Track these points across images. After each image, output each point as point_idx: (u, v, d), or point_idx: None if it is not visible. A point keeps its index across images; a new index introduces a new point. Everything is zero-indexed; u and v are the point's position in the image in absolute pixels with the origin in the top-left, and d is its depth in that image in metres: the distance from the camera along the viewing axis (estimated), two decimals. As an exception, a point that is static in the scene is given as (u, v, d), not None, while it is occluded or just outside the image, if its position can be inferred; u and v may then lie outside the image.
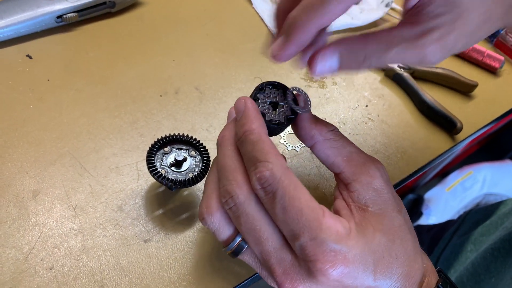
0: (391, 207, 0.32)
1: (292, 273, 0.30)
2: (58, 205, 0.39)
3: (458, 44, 0.31)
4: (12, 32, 0.49)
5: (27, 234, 0.37)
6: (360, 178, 0.32)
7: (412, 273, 0.32)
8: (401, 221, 0.32)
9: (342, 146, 0.33)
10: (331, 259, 0.28)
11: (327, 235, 0.28)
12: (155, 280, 0.37)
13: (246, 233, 0.31)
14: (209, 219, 0.32)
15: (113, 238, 0.38)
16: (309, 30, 0.28)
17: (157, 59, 0.53)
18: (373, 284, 0.30)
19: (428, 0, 0.29)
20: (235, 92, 0.52)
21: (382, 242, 0.30)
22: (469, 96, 0.61)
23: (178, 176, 0.39)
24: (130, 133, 0.46)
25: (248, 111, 0.31)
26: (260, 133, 0.30)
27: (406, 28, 0.30)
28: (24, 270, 0.35)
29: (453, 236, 0.68)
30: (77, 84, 0.48)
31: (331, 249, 0.28)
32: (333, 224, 0.28)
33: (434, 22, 0.29)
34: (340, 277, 0.28)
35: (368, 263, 0.29)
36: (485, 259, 0.56)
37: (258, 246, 0.31)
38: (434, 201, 1.29)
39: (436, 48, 0.30)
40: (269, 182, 0.28)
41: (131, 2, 0.57)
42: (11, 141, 0.42)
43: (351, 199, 0.32)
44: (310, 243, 0.28)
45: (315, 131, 0.33)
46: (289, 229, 0.29)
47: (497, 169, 1.32)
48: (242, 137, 0.31)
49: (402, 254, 0.31)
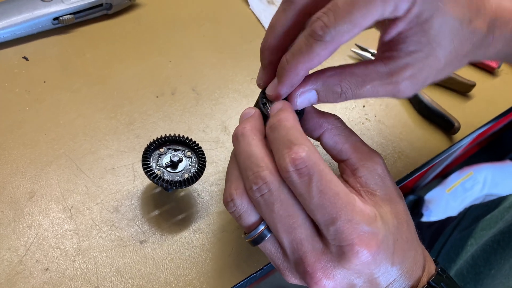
0: (395, 193, 0.33)
1: (324, 261, 0.30)
2: (53, 206, 0.39)
3: (428, 80, 0.33)
4: (9, 34, 0.49)
5: (22, 236, 0.37)
6: (367, 164, 0.33)
7: (418, 257, 0.33)
8: (404, 206, 0.33)
9: (349, 134, 0.34)
10: (366, 241, 0.29)
11: (362, 217, 0.29)
12: (150, 281, 0.37)
13: (278, 220, 0.30)
14: (239, 200, 0.31)
15: (108, 239, 0.38)
16: (299, 73, 0.31)
17: (153, 60, 0.53)
18: (390, 268, 0.31)
19: (402, 38, 0.31)
20: (232, 93, 0.52)
21: (395, 225, 0.31)
22: (467, 96, 0.61)
23: (174, 176, 0.39)
24: (126, 134, 0.45)
25: (286, 106, 0.32)
26: (295, 122, 0.31)
27: (380, 65, 0.32)
28: (19, 272, 0.35)
29: (454, 231, 0.68)
30: (74, 86, 0.48)
31: (366, 230, 0.29)
32: (364, 208, 0.29)
33: (407, 59, 0.32)
34: (372, 258, 0.29)
35: (389, 245, 0.30)
36: (484, 251, 0.56)
37: (290, 235, 0.30)
38: (435, 202, 1.29)
39: (408, 84, 0.32)
40: (305, 163, 0.28)
41: (128, 4, 0.57)
42: (6, 143, 0.42)
43: (359, 184, 0.32)
44: (347, 225, 0.28)
45: (323, 120, 0.34)
46: (325, 213, 0.29)
47: (497, 170, 1.32)
48: (276, 123, 0.31)
49: (410, 237, 0.32)
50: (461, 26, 0.32)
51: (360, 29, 0.30)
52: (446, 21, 0.31)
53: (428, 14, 0.30)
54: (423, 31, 0.31)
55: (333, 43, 0.30)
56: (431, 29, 0.31)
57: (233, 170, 0.33)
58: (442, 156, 0.54)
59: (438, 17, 0.31)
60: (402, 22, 0.31)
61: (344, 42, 0.30)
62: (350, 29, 0.29)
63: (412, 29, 0.31)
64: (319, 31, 0.30)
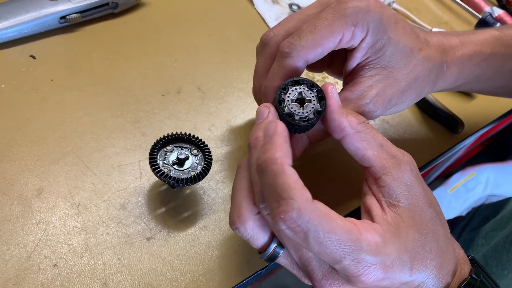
0: (422, 201, 0.32)
1: (331, 278, 0.30)
2: (61, 203, 0.40)
3: (393, 99, 0.37)
4: (16, 33, 0.49)
5: (31, 232, 0.37)
6: (391, 173, 0.32)
7: (445, 264, 0.33)
8: (432, 214, 0.32)
9: (373, 139, 0.32)
10: (373, 271, 0.29)
11: (368, 251, 0.28)
12: (157, 278, 0.37)
13: (285, 239, 0.31)
14: (242, 228, 0.32)
15: (115, 236, 0.39)
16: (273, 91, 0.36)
17: (159, 59, 0.53)
18: (409, 279, 0.31)
19: (361, 67, 0.37)
20: (237, 92, 0.52)
21: (416, 238, 0.31)
22: (471, 95, 0.61)
23: (180, 174, 0.39)
24: (132, 132, 0.46)
25: (276, 136, 0.29)
26: (283, 164, 0.28)
27: (348, 93, 0.37)
28: (28, 267, 0.36)
29: (463, 232, 0.68)
30: (80, 84, 0.49)
31: (372, 262, 0.28)
32: (371, 238, 0.28)
33: (369, 82, 0.37)
34: (379, 281, 0.29)
35: (405, 262, 0.30)
36: (496, 251, 0.56)
37: (298, 253, 0.31)
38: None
39: (376, 103, 0.37)
40: (297, 223, 0.26)
41: (134, 3, 0.57)
42: (15, 140, 0.43)
43: (381, 194, 0.32)
44: (352, 264, 0.28)
45: (345, 123, 0.32)
46: (328, 258, 0.28)
47: (500, 170, 1.32)
48: (262, 165, 0.28)
49: (435, 247, 0.32)
50: (412, 52, 0.37)
51: (323, 50, 0.35)
52: (398, 49, 0.36)
53: (380, 44, 0.36)
54: (378, 58, 0.36)
55: (299, 58, 0.34)
56: (384, 55, 0.36)
57: (237, 190, 0.33)
58: (446, 155, 0.54)
59: (390, 46, 0.36)
60: (359, 52, 0.36)
61: (310, 60, 0.35)
62: (314, 46, 0.34)
63: (368, 58, 0.37)
64: (286, 49, 0.35)
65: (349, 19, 0.34)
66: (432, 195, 0.33)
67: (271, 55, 0.38)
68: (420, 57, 0.38)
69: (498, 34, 0.44)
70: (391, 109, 0.39)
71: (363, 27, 0.35)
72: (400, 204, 0.31)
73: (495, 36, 0.43)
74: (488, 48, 0.43)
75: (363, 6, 0.34)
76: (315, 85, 0.33)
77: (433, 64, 0.39)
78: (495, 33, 0.44)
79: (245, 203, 0.32)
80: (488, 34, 0.43)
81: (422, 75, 0.38)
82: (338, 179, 0.47)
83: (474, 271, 0.34)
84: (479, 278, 0.33)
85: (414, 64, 0.37)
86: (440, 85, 0.42)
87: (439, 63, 0.40)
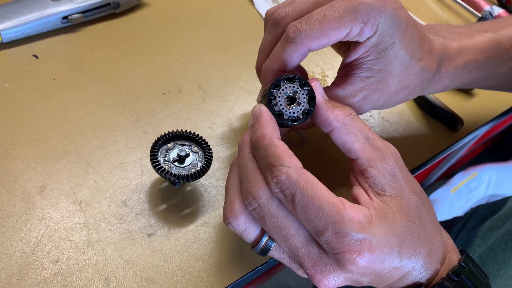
0: (407, 190, 0.33)
1: (322, 264, 0.31)
2: (64, 200, 0.40)
3: (379, 102, 0.38)
4: (19, 33, 0.50)
5: (33, 228, 0.38)
6: (376, 164, 0.33)
7: (434, 251, 0.33)
8: (418, 202, 0.33)
9: (359, 132, 0.33)
10: (357, 249, 0.29)
11: (350, 226, 0.29)
12: (158, 273, 0.38)
13: (272, 231, 0.32)
14: (235, 222, 0.33)
15: (117, 232, 0.39)
16: (274, 74, 0.36)
17: (160, 59, 0.54)
18: (399, 264, 0.31)
19: (359, 64, 0.37)
20: (237, 91, 0.53)
21: (404, 224, 0.32)
22: (471, 93, 0.61)
23: (181, 171, 0.40)
24: (134, 131, 0.46)
25: (261, 117, 0.33)
26: (271, 137, 0.31)
27: (339, 89, 0.37)
28: (31, 263, 0.36)
29: (461, 232, 0.68)
30: (82, 83, 0.49)
31: (356, 239, 0.29)
32: (355, 215, 0.30)
33: (361, 84, 0.37)
34: (368, 263, 0.30)
35: (393, 245, 0.31)
36: (492, 251, 0.57)
37: (286, 243, 0.32)
38: (439, 202, 1.29)
39: (363, 103, 0.38)
40: (286, 185, 0.29)
41: (135, 3, 0.58)
42: (18, 138, 0.43)
43: (367, 184, 0.33)
44: (334, 237, 0.29)
45: (332, 118, 0.33)
46: (312, 227, 0.30)
47: (502, 170, 1.32)
48: (255, 143, 0.32)
49: (422, 233, 0.32)
50: (411, 61, 0.37)
51: (329, 41, 0.34)
52: (399, 55, 0.36)
53: (384, 45, 0.36)
54: (378, 59, 0.36)
55: (302, 45, 0.34)
56: (384, 58, 0.36)
57: (230, 187, 0.34)
58: (445, 153, 0.54)
59: (392, 50, 0.36)
60: (362, 48, 0.36)
61: (314, 48, 0.35)
62: (319, 36, 0.34)
63: (369, 56, 0.36)
64: (291, 33, 0.34)
65: (360, 15, 0.33)
66: (418, 184, 0.34)
67: (279, 36, 0.37)
68: (416, 67, 0.38)
69: (496, 38, 0.44)
70: (376, 109, 0.41)
71: (372, 26, 0.34)
72: (386, 193, 0.32)
73: (492, 41, 0.43)
74: (483, 56, 0.43)
75: (378, 5, 0.34)
76: (307, 83, 0.34)
77: (427, 75, 0.40)
78: (494, 36, 0.44)
79: (237, 198, 0.33)
80: (487, 38, 0.43)
81: (413, 84, 0.39)
82: (329, 171, 0.48)
83: (463, 260, 0.34)
84: (468, 267, 0.34)
85: (409, 73, 0.38)
86: (429, 91, 0.43)
87: (433, 73, 0.40)
